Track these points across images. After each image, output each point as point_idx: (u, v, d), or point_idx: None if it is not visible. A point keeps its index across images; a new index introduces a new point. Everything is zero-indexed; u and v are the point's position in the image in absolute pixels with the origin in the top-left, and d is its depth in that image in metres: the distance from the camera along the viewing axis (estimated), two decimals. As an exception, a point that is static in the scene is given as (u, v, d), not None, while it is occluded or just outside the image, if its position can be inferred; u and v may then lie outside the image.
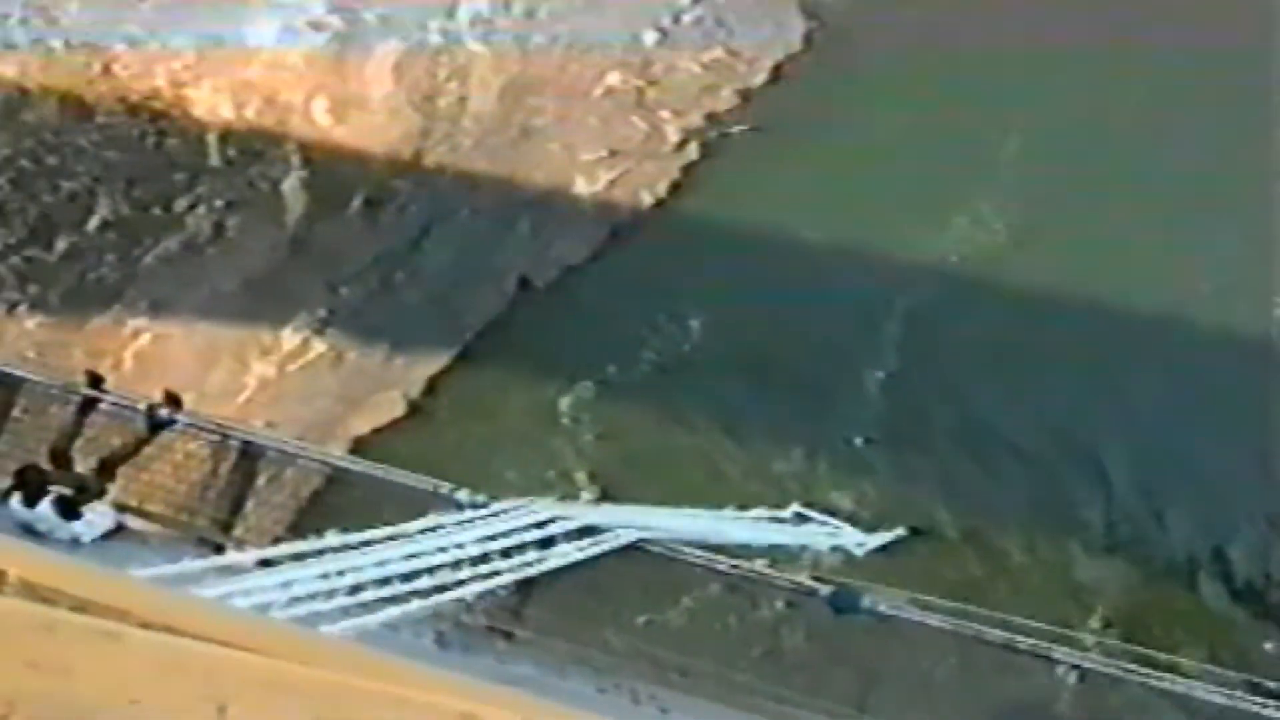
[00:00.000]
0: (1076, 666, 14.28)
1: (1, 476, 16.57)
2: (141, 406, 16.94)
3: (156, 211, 22.65)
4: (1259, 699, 13.72)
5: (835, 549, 18.00)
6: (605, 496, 19.35)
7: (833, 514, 19.05)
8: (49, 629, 4.11)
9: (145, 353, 20.96)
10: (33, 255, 21.90)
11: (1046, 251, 22.58)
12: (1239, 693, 13.86)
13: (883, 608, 14.50)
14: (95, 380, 17.29)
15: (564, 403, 20.77)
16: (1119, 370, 21.36)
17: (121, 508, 16.14)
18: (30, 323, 21.20)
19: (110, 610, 4.20)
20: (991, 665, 14.48)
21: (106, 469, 16.45)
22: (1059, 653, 14.20)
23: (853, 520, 18.98)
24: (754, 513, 18.29)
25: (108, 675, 3.97)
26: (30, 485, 15.73)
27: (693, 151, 24.24)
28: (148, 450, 16.77)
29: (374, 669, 4.30)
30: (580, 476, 19.90)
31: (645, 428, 20.70)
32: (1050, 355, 21.69)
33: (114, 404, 16.98)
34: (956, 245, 22.67)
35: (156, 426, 16.84)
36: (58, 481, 15.82)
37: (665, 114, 24.70)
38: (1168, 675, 14.19)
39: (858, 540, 18.24)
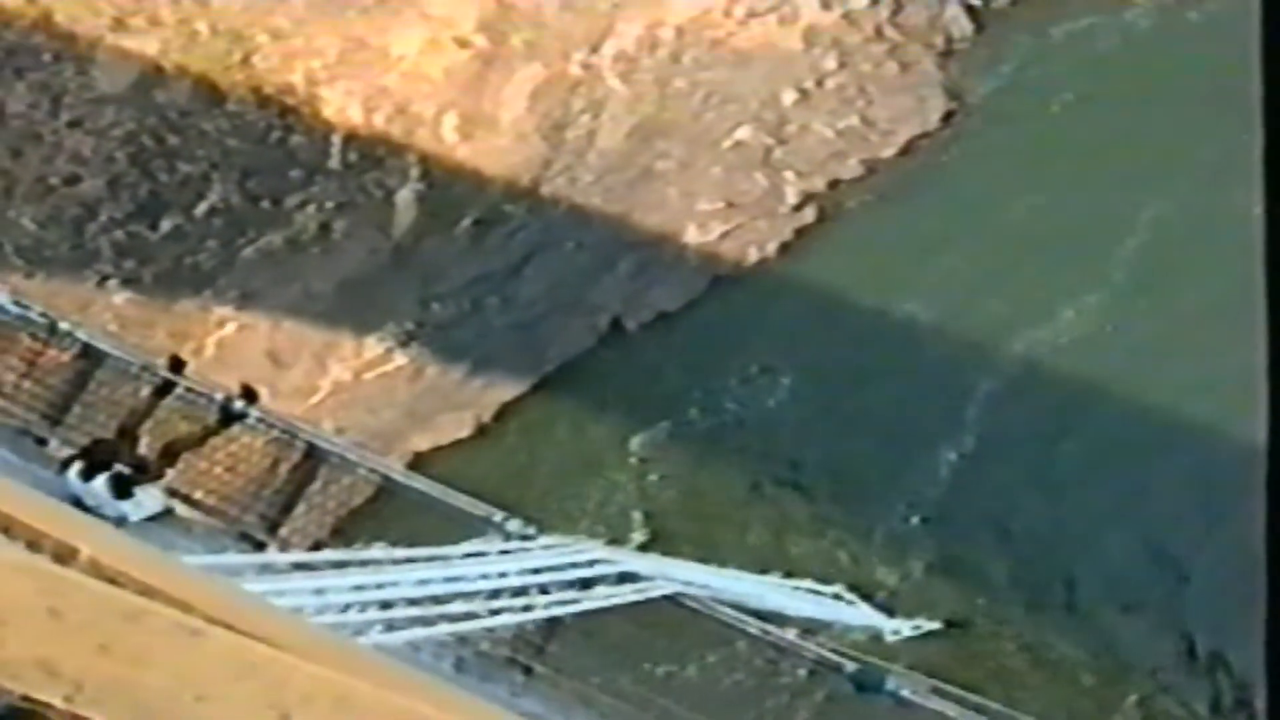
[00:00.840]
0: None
1: (67, 446, 16.81)
2: (218, 397, 17.14)
3: (266, 205, 22.83)
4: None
5: (868, 629, 17.90)
6: (656, 539, 19.38)
7: (875, 591, 18.97)
8: (130, 618, 4.17)
9: (228, 342, 21.18)
10: (136, 231, 22.17)
11: (1141, 353, 22.26)
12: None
13: (905, 692, 14.41)
14: (177, 364, 17.51)
15: (634, 443, 20.78)
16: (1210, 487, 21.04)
17: (173, 493, 16.31)
18: (119, 298, 21.44)
19: (179, 603, 4.26)
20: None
21: (169, 453, 16.65)
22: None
23: (892, 600, 18.89)
24: (795, 583, 18.19)
25: (180, 669, 4.03)
26: (96, 459, 15.92)
27: (809, 214, 24.11)
28: (214, 441, 16.96)
29: (442, 701, 4.34)
30: (636, 516, 19.90)
31: (711, 477, 20.66)
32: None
33: (189, 390, 17.18)
34: (1055, 336, 22.44)
35: (229, 418, 17.02)
36: (123, 459, 16.02)
37: (789, 174, 24.57)
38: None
39: (892, 627, 18.12)
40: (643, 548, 19.05)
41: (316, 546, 16.18)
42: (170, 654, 4.04)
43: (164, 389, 17.23)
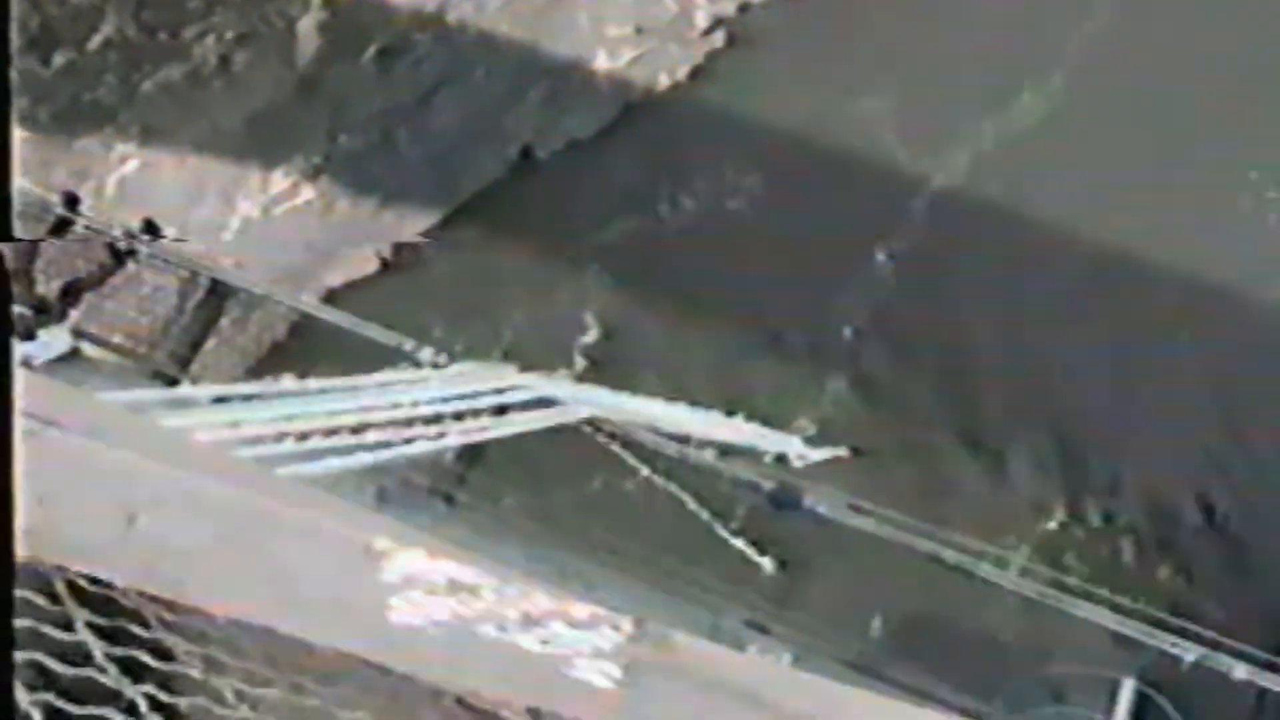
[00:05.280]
0: (1001, 588, 14.24)
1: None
2: (117, 233, 16.90)
3: (164, 37, 22.36)
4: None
5: (780, 456, 17.88)
6: (571, 366, 19.35)
7: (793, 414, 18.98)
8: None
9: (130, 180, 20.81)
10: (27, 68, 21.69)
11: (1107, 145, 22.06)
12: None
13: (821, 509, 14.43)
14: (71, 201, 17.22)
15: (543, 272, 20.65)
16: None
17: (79, 333, 16.12)
18: (14, 137, 21.02)
19: (20, 408, 4.10)
20: (917, 575, 14.46)
21: (71, 293, 16.43)
22: (982, 570, 14.14)
23: (809, 423, 18.91)
24: (710, 408, 18.16)
25: (20, 472, 3.89)
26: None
27: (719, 38, 23.87)
28: (115, 279, 16.74)
29: (288, 496, 4.21)
30: (551, 344, 19.81)
31: (624, 303, 20.55)
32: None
33: (87, 228, 16.92)
34: (1007, 126, 22.21)
35: (127, 254, 16.79)
36: (18, 300, 15.79)
37: (700, -1, 24.36)
38: (1083, 602, 14.13)
39: (799, 451, 18.12)
40: (558, 374, 19.00)
41: (231, 383, 16.04)
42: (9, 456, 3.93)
43: (59, 227, 16.97)
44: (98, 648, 3.55)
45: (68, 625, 3.56)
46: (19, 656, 3.57)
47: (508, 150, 22.03)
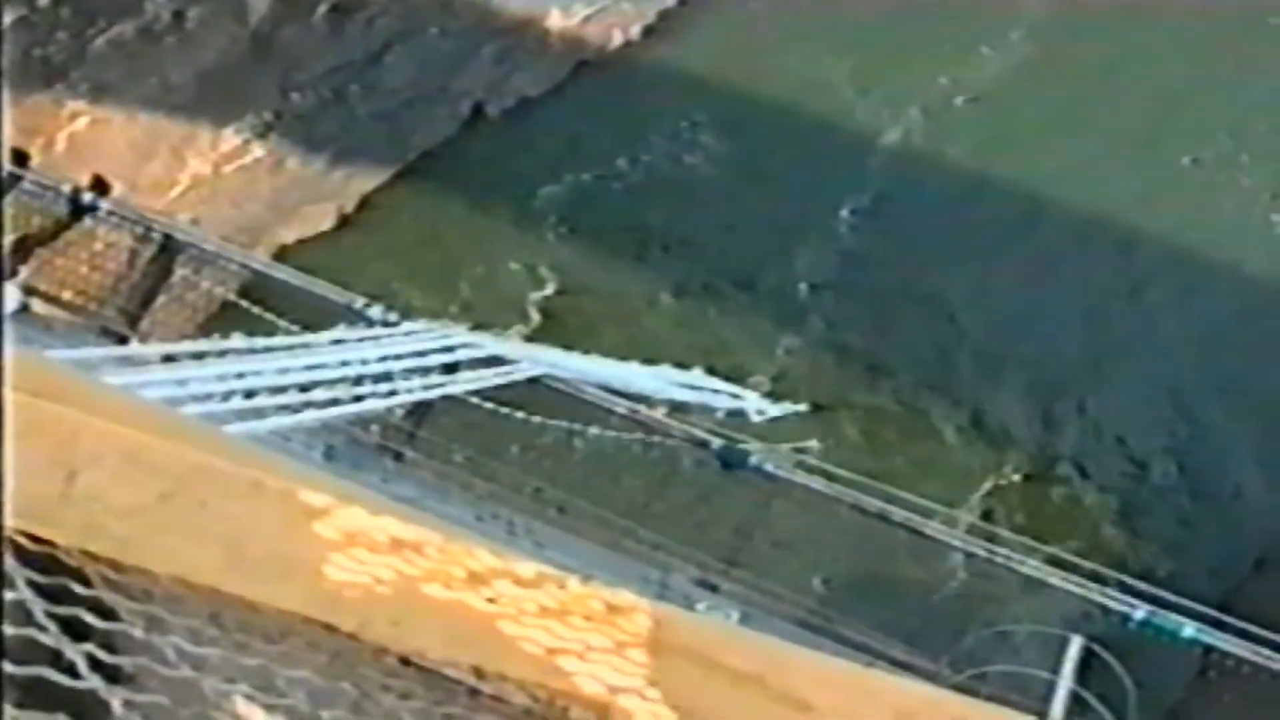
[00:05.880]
0: (950, 545, 14.29)
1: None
2: (65, 189, 16.79)
3: (117, -8, 22.40)
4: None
5: (734, 413, 17.91)
6: (525, 323, 19.37)
7: (751, 369, 19.05)
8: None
9: (81, 137, 20.73)
10: (-22, 24, 21.66)
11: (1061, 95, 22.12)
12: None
13: (769, 467, 14.46)
14: (20, 158, 17.11)
15: (495, 231, 20.64)
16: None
17: (30, 290, 16.04)
18: (-34, 93, 21.01)
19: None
20: (865, 534, 14.51)
21: (20, 250, 16.34)
22: (930, 528, 14.20)
23: (766, 378, 18.98)
24: (663, 366, 18.19)
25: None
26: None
27: (672, -1, 23.90)
28: (67, 235, 16.64)
29: (231, 453, 4.18)
30: (502, 302, 19.82)
31: (577, 260, 20.56)
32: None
33: (37, 184, 16.81)
34: (966, 83, 22.26)
35: (78, 211, 16.68)
36: (-34, 257, 15.73)
37: (654, -45, 24.30)
38: (1031, 560, 14.20)
39: (758, 407, 18.16)
40: (510, 333, 19.01)
41: (181, 340, 15.95)
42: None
43: (8, 183, 16.85)
44: (38, 606, 3.54)
45: (9, 584, 3.55)
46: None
47: (459, 108, 22.02)
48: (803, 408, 18.71)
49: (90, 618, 3.61)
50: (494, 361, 15.28)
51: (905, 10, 23.20)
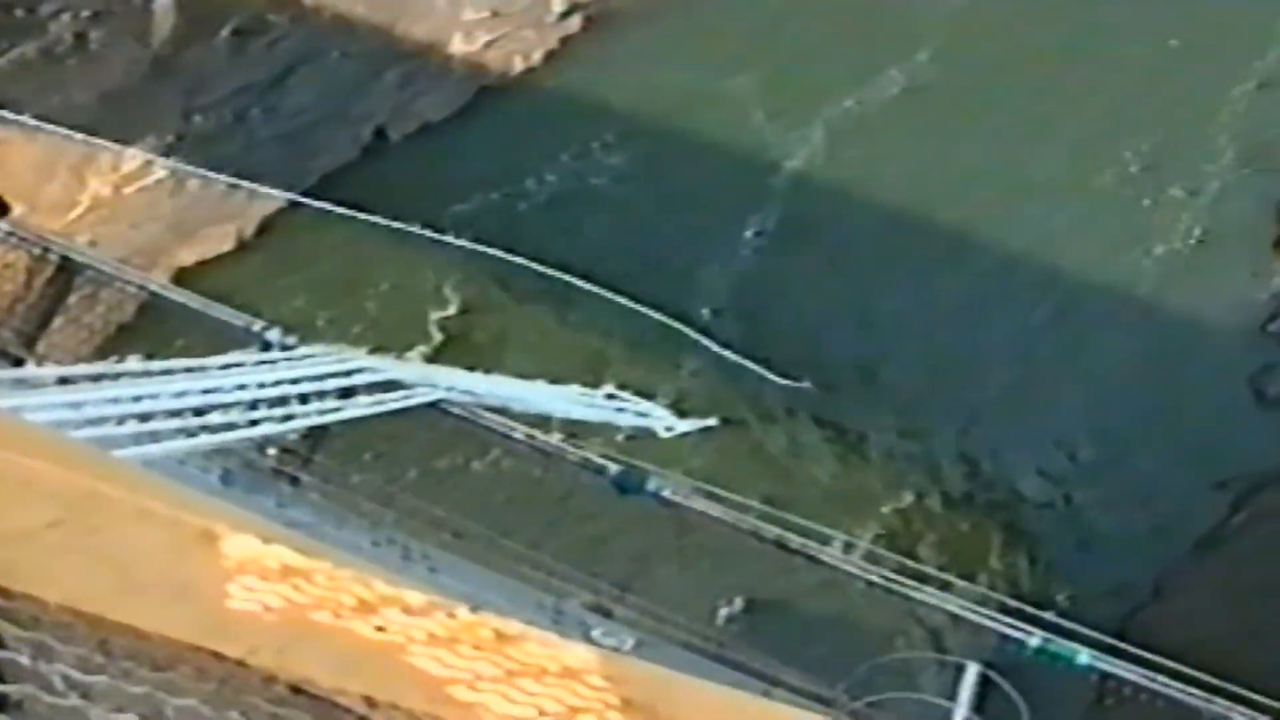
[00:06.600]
0: (848, 572, 14.32)
1: None
2: (-37, 209, 16.67)
3: (20, 13, 22.28)
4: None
5: (642, 430, 17.96)
6: (425, 344, 19.38)
7: (657, 387, 19.09)
8: None
9: (-19, 155, 20.68)
10: (-126, 42, 21.52)
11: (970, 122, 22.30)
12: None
13: (666, 493, 14.44)
14: (-84, 176, 16.97)
15: (396, 252, 20.63)
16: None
17: (-79, 311, 15.89)
18: None
19: None
20: (762, 559, 14.52)
21: (-86, 270, 16.18)
22: (828, 555, 14.23)
23: (673, 397, 19.05)
24: (567, 387, 18.20)
25: None
26: None
27: (575, 23, 23.95)
28: (-38, 257, 16.49)
29: (122, 479, 4.16)
30: (400, 326, 19.81)
31: (477, 283, 20.56)
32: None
33: (-66, 203, 16.69)
34: (872, 104, 22.40)
35: (-26, 231, 16.53)
36: None
37: (555, -17, 24.39)
38: (929, 587, 14.26)
39: (666, 423, 18.22)
40: (413, 353, 19.02)
41: (77, 363, 15.83)
42: None
43: (-96, 202, 16.72)
44: (-75, 634, 3.53)
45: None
46: None
47: (362, 131, 22.03)
48: (711, 422, 18.79)
49: (-24, 645, 3.60)
50: (392, 386, 15.24)
51: (812, 32, 23.36)
